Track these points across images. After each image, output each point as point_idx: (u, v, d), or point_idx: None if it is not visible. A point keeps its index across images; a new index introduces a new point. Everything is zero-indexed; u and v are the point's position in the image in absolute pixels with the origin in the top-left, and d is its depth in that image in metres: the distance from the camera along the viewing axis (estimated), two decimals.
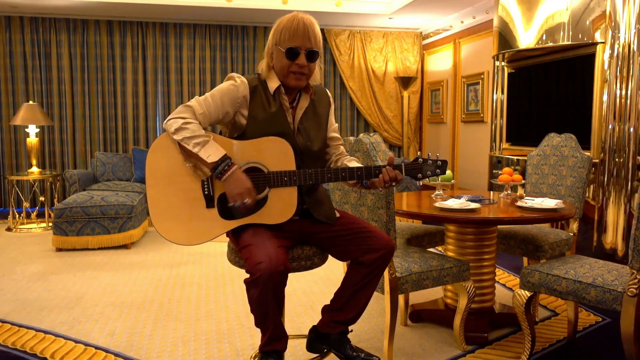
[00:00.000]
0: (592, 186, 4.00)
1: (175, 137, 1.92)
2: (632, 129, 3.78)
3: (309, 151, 2.07)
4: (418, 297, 3.34)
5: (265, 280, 1.79)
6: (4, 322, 3.01)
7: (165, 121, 1.96)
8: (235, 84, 2.01)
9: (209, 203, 1.99)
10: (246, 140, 2.00)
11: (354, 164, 2.11)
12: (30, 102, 5.83)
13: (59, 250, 4.70)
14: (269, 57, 2.05)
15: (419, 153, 2.12)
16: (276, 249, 1.85)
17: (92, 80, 6.87)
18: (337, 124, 2.27)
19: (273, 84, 2.03)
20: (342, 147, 2.24)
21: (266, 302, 1.85)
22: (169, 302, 3.35)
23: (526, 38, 4.48)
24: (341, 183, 2.28)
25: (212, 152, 1.91)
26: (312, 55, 2.00)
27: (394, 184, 1.99)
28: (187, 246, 4.78)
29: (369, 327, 2.89)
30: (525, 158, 3.54)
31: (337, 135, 2.23)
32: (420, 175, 2.03)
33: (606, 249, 3.94)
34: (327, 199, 2.18)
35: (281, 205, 1.99)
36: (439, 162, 2.04)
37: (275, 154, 1.98)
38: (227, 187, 1.92)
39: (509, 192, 3.08)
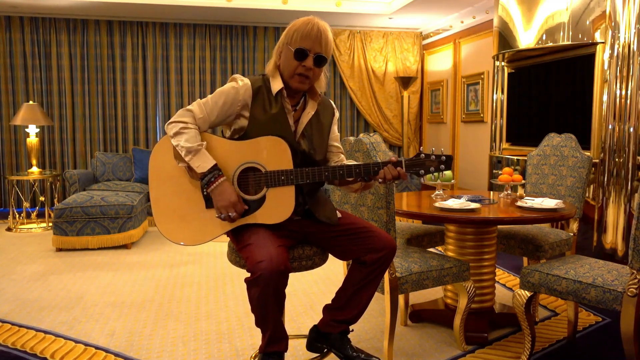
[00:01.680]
0: (592, 186, 4.00)
1: (172, 141, 1.96)
2: (632, 129, 3.78)
3: (311, 159, 2.07)
4: (418, 297, 3.34)
5: (265, 279, 1.79)
6: (4, 322, 3.01)
7: (166, 124, 1.99)
8: (237, 86, 2.01)
9: (209, 203, 1.99)
10: (243, 141, 2.00)
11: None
12: (30, 102, 5.83)
13: (59, 250, 4.70)
14: (277, 55, 2.05)
15: (420, 149, 2.06)
16: (277, 249, 1.85)
17: (92, 80, 6.87)
18: (339, 134, 2.26)
19: (276, 85, 2.03)
20: (342, 155, 2.24)
21: (266, 302, 1.85)
22: (169, 302, 3.35)
23: (526, 38, 4.48)
24: (342, 188, 2.25)
25: (202, 162, 1.92)
26: (319, 61, 1.99)
27: (396, 181, 1.99)
28: (188, 246, 4.80)
29: (369, 327, 2.89)
30: (525, 158, 3.54)
31: (338, 144, 2.23)
32: (422, 171, 1.96)
33: (606, 249, 3.94)
34: (329, 200, 2.18)
35: (279, 205, 1.99)
36: (443, 157, 1.95)
37: (273, 153, 1.98)
38: (214, 199, 1.94)
39: (509, 192, 3.08)
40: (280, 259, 1.82)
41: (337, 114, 2.24)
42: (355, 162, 2.13)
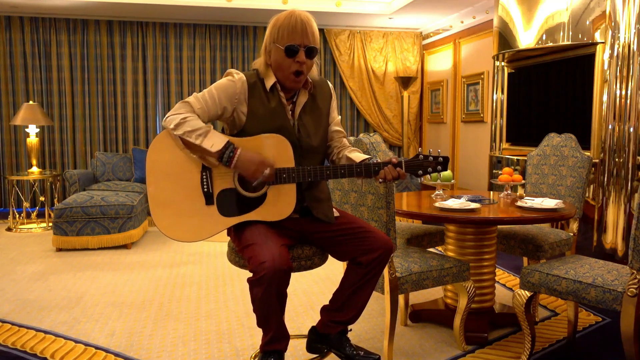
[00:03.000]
0: (592, 186, 4.00)
1: (176, 132, 1.94)
2: (632, 129, 3.78)
3: (308, 146, 2.07)
4: (418, 297, 3.34)
5: (269, 279, 1.79)
6: (4, 322, 3.01)
7: (164, 118, 1.98)
8: (233, 79, 2.01)
9: (208, 200, 1.99)
10: (244, 138, 2.00)
11: (354, 154, 2.10)
12: (30, 102, 5.83)
13: (59, 250, 4.70)
14: (266, 55, 2.04)
15: (419, 149, 2.09)
16: (279, 248, 1.85)
17: (92, 80, 6.87)
18: (339, 117, 2.26)
19: (269, 80, 2.03)
20: (344, 140, 2.23)
21: (269, 301, 1.85)
22: (169, 302, 3.35)
23: (526, 38, 4.48)
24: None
25: (214, 142, 1.92)
26: (311, 52, 2.00)
27: (396, 181, 2.00)
28: (187, 245, 4.80)
29: (369, 327, 2.89)
30: (525, 158, 3.54)
31: (339, 128, 2.22)
32: (421, 172, 2.00)
33: (606, 249, 3.94)
34: (327, 198, 2.18)
35: (280, 203, 1.99)
36: (441, 159, 2.00)
37: (274, 151, 1.98)
38: (241, 170, 1.94)
39: (509, 192, 3.08)
40: (283, 259, 1.82)
41: (334, 95, 2.22)
42: (359, 152, 2.12)
